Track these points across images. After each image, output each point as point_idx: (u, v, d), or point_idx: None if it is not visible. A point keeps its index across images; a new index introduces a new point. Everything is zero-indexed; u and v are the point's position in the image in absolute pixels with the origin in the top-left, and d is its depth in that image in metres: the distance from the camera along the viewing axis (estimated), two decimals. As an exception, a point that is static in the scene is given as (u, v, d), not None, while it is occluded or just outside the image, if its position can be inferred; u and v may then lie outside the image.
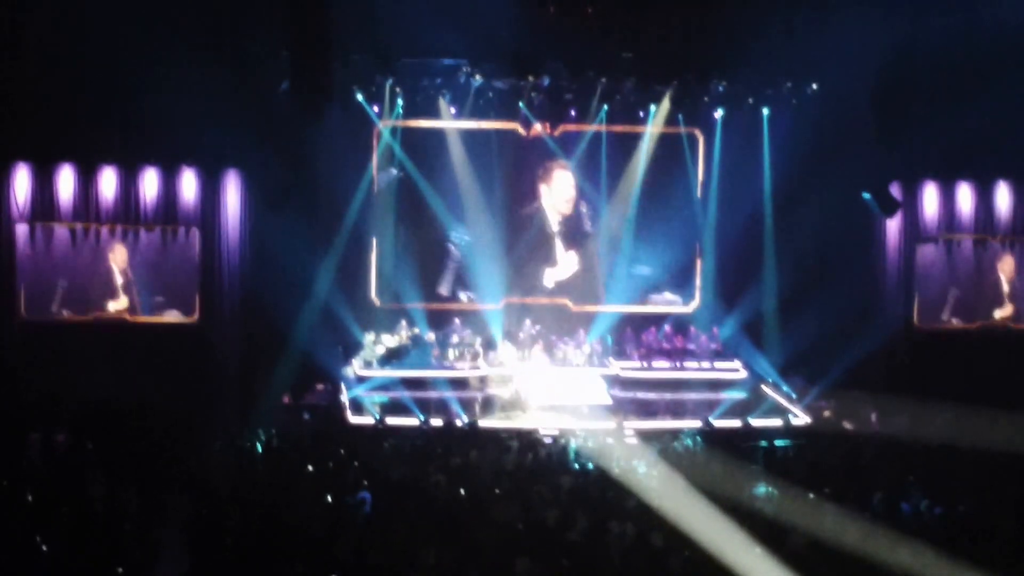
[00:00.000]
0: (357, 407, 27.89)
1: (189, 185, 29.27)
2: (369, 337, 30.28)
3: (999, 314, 32.01)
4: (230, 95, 27.09)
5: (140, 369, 27.38)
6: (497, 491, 19.91)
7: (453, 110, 31.10)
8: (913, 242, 31.64)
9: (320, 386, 29.44)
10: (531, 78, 29.89)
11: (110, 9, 26.30)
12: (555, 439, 25.26)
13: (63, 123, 27.62)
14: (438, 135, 31.80)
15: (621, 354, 31.51)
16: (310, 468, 21.48)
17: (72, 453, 22.79)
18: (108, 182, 28.92)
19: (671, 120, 31.99)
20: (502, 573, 16.26)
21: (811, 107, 30.74)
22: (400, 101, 30.65)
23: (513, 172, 32.50)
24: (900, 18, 27.94)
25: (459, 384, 29.76)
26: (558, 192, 32.61)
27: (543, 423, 26.97)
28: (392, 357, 29.97)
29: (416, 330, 30.77)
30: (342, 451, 22.91)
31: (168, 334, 29.14)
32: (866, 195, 29.94)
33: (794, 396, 29.38)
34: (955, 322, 31.93)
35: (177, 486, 20.50)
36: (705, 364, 30.90)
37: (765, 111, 31.63)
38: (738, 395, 29.61)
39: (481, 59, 29.55)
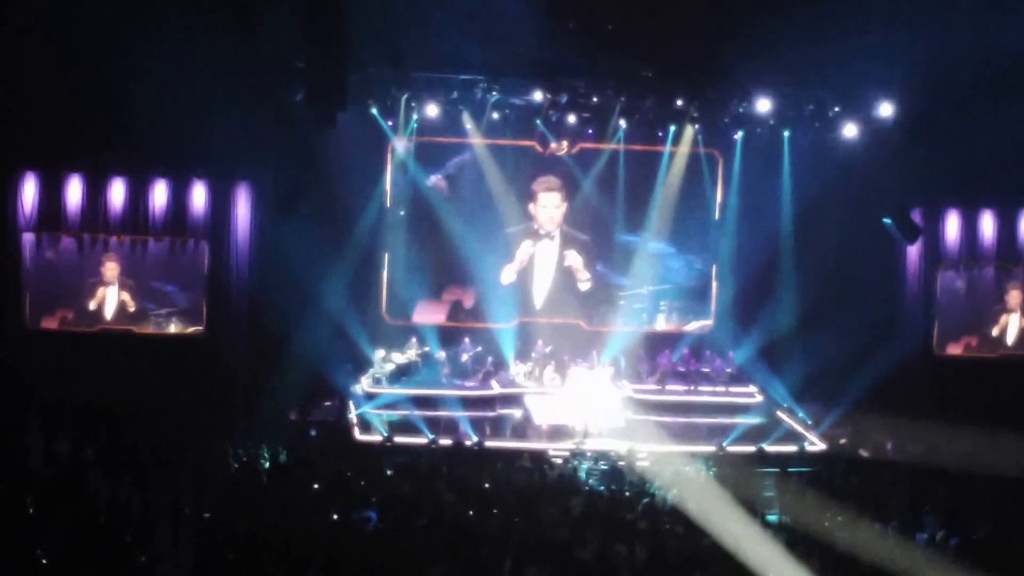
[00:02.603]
0: (365, 424, 27.49)
1: (199, 197, 29.06)
2: (379, 354, 29.96)
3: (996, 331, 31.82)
4: (242, 107, 26.98)
5: (146, 380, 27.10)
6: (504, 510, 19.60)
7: (469, 126, 30.73)
8: (934, 268, 31.25)
9: (328, 402, 29.04)
10: (549, 95, 29.55)
11: (121, 18, 26.17)
12: (566, 460, 24.95)
13: (72, 133, 27.49)
14: (454, 150, 31.51)
15: (635, 376, 31.08)
16: (316, 486, 21.17)
17: (75, 461, 22.56)
18: (117, 193, 28.76)
19: (690, 140, 31.59)
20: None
21: (832, 130, 30.39)
22: (415, 116, 30.29)
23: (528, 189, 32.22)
24: (923, 42, 27.59)
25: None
26: (543, 210, 32.28)
27: (559, 445, 26.65)
28: (401, 374, 29.63)
29: (426, 347, 30.45)
30: (349, 469, 22.64)
31: (175, 345, 28.95)
32: (887, 220, 29.53)
33: (810, 422, 28.97)
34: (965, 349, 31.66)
35: (181, 495, 20.26)
36: (720, 388, 30.48)
37: (786, 133, 31.20)
38: (753, 420, 29.11)
39: (499, 75, 29.27)
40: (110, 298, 28.99)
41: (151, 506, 19.71)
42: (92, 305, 28.95)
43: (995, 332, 31.66)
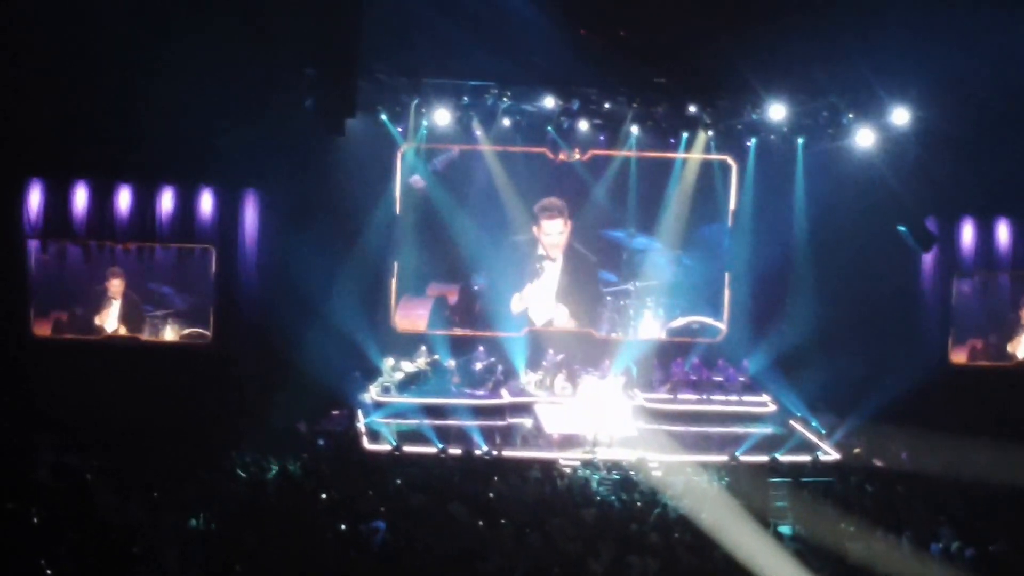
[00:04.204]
0: (374, 434, 27.27)
1: (207, 204, 29.02)
2: (388, 362, 29.76)
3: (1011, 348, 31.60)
4: (251, 115, 26.96)
5: (154, 389, 27.01)
6: (515, 521, 19.44)
7: (479, 133, 30.55)
8: (950, 277, 31.07)
9: (336, 411, 28.84)
10: (561, 101, 29.36)
11: (130, 26, 26.11)
12: (577, 470, 24.75)
13: (79, 140, 27.42)
14: (464, 157, 31.34)
15: (647, 385, 30.86)
16: (324, 496, 21.01)
17: (81, 473, 22.41)
18: (124, 200, 28.72)
19: (703, 147, 31.41)
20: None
21: (847, 137, 30.17)
22: (425, 123, 30.07)
23: (540, 198, 32.04)
24: (939, 50, 27.33)
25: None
26: (546, 236, 32.14)
27: (570, 455, 26.43)
28: (411, 383, 29.44)
29: (436, 356, 30.25)
30: (357, 479, 22.49)
31: (182, 354, 28.87)
32: (902, 229, 29.31)
33: (824, 432, 28.70)
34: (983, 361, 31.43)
35: (189, 508, 20.12)
36: (733, 397, 30.24)
37: (800, 140, 30.99)
38: (766, 429, 28.90)
39: (510, 81, 29.09)
40: (112, 314, 28.94)
41: (158, 518, 19.55)
42: (97, 319, 28.97)
43: (1009, 348, 31.42)
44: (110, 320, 29.03)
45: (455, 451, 25.73)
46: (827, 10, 26.79)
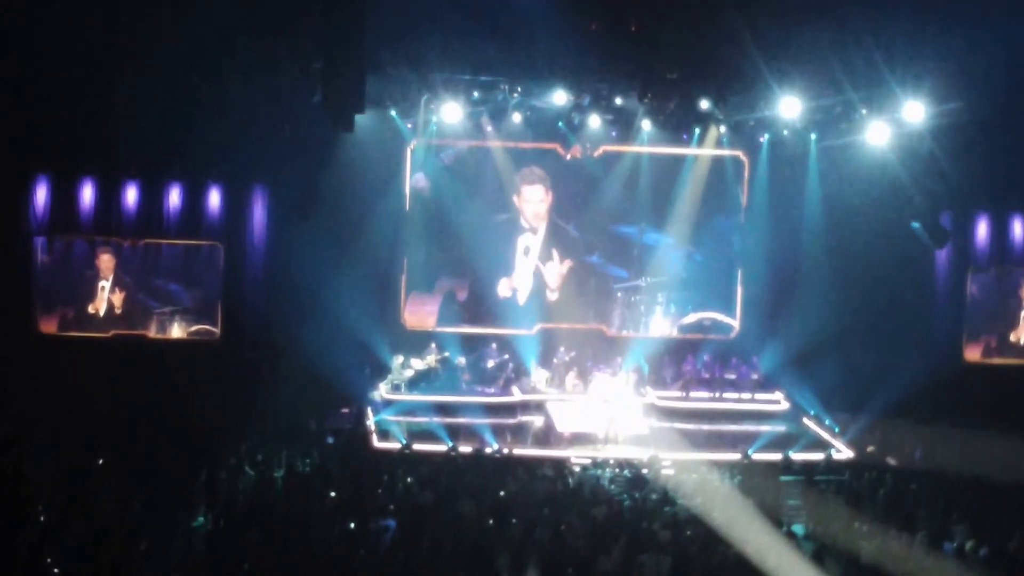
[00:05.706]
0: (383, 432, 27.14)
1: (214, 201, 29.03)
2: (397, 360, 29.66)
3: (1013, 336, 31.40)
4: (259, 111, 26.88)
5: (161, 386, 26.89)
6: (525, 520, 19.27)
7: (489, 128, 30.40)
8: (964, 273, 30.88)
9: (345, 409, 28.71)
10: (572, 97, 29.19)
11: (135, 24, 25.97)
12: (588, 468, 24.62)
13: (87, 137, 27.36)
14: (474, 153, 31.27)
15: (658, 383, 30.69)
16: (332, 494, 20.86)
17: (88, 470, 22.30)
18: (131, 197, 28.74)
19: (715, 143, 31.31)
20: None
21: (860, 133, 29.95)
22: (434, 118, 29.92)
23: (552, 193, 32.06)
24: (954, 46, 27.14)
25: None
26: (527, 204, 32.06)
27: (581, 453, 26.31)
28: (420, 380, 29.34)
29: (446, 353, 30.14)
30: (366, 477, 22.35)
31: (190, 351, 28.82)
32: (915, 224, 29.13)
33: (837, 429, 28.54)
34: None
35: (195, 506, 20.00)
36: (745, 395, 30.13)
37: (813, 136, 30.78)
38: (779, 427, 28.78)
39: (520, 76, 28.93)
40: (104, 293, 28.89)
41: (164, 516, 19.43)
42: (91, 304, 28.94)
43: (1012, 337, 31.24)
44: (102, 302, 28.94)
45: (465, 449, 25.63)
46: (840, 4, 26.56)
